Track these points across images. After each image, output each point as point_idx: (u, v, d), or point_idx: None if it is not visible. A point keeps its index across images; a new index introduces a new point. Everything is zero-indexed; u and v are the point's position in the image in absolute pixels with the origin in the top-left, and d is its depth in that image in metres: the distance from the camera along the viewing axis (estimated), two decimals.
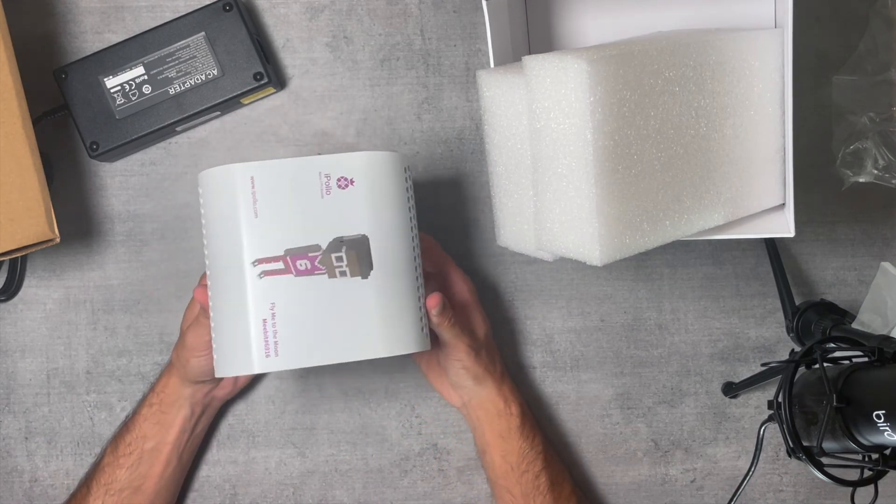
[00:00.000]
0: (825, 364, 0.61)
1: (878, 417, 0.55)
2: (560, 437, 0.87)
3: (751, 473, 0.68)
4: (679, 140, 0.69)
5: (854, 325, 0.72)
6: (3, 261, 0.84)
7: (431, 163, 0.87)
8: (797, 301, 0.80)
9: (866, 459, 0.60)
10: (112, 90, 0.83)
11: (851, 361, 0.62)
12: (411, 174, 0.73)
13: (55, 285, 0.87)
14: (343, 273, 0.67)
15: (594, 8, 0.82)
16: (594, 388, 0.87)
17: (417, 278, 0.71)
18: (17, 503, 0.87)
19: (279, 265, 0.67)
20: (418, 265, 0.72)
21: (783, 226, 0.74)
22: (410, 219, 0.71)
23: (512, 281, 0.87)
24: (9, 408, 0.87)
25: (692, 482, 0.87)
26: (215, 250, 0.69)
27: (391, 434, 0.87)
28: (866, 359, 0.61)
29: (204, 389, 0.81)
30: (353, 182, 0.68)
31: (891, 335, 0.66)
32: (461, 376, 0.79)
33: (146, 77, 0.83)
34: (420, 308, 0.70)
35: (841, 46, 0.85)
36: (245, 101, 0.86)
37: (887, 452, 0.59)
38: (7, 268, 0.85)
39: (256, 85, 0.83)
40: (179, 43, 0.82)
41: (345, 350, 0.67)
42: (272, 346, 0.66)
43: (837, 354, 0.64)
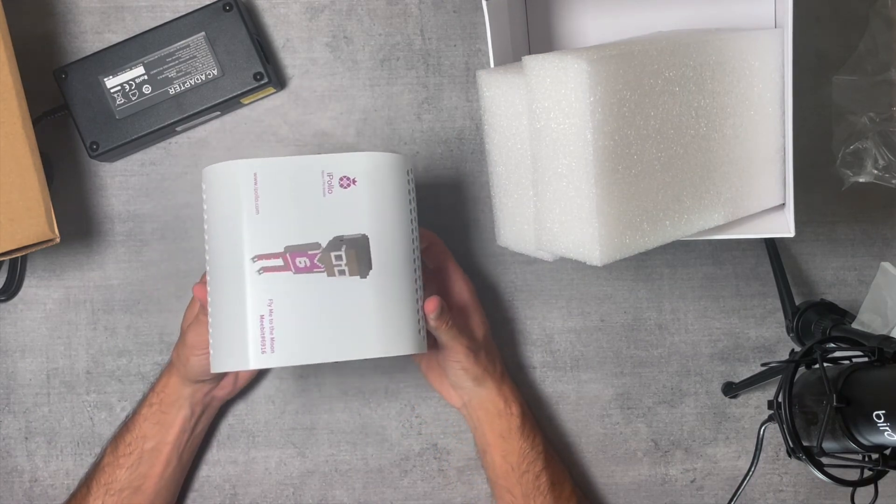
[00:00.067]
0: (825, 364, 0.61)
1: (878, 417, 0.55)
2: (560, 437, 0.87)
3: (751, 473, 0.68)
4: (679, 140, 0.69)
5: (854, 325, 0.72)
6: (3, 261, 0.84)
7: (431, 163, 0.87)
8: (797, 301, 0.80)
9: (866, 459, 0.60)
10: (112, 90, 0.83)
11: (851, 361, 0.62)
12: (414, 176, 0.73)
13: (55, 285, 0.87)
14: (342, 272, 0.67)
15: (594, 8, 0.82)
16: (594, 388, 0.87)
17: (416, 280, 0.71)
18: (17, 503, 0.87)
19: (278, 262, 0.67)
20: (417, 267, 0.72)
21: (783, 226, 0.74)
22: (411, 220, 0.71)
23: (512, 281, 0.87)
24: (9, 408, 0.87)
25: (692, 482, 0.87)
26: (216, 246, 0.69)
27: (391, 434, 0.87)
28: (866, 359, 0.61)
29: (204, 389, 0.81)
30: (356, 182, 0.68)
31: (891, 335, 0.66)
32: (461, 377, 0.79)
33: (146, 77, 0.83)
34: (418, 310, 0.70)
35: (841, 46, 0.85)
36: (245, 101, 0.86)
37: (887, 452, 0.59)
38: (7, 268, 0.86)
39: (256, 85, 0.83)
40: (179, 43, 0.82)
41: (341, 349, 0.67)
42: (268, 343, 0.66)
43: (837, 354, 0.64)
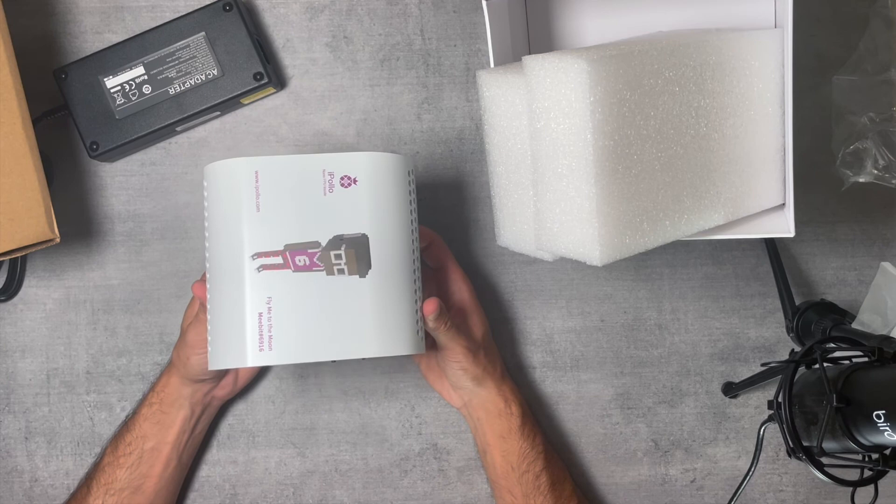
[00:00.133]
0: (825, 364, 0.61)
1: (878, 417, 0.55)
2: (560, 437, 0.87)
3: (751, 473, 0.68)
4: (679, 140, 0.69)
5: (854, 325, 0.72)
6: (3, 261, 0.84)
7: (431, 163, 0.87)
8: (797, 301, 0.80)
9: (866, 459, 0.60)
10: (112, 90, 0.83)
11: (851, 361, 0.62)
12: (415, 177, 0.73)
13: (55, 285, 0.87)
14: (341, 271, 0.67)
15: (594, 8, 0.82)
16: (594, 388, 0.87)
17: (415, 281, 0.71)
18: (17, 503, 0.87)
19: (278, 260, 0.67)
20: (417, 268, 0.72)
21: (783, 226, 0.74)
22: (411, 221, 0.71)
23: (512, 281, 0.87)
24: (9, 408, 0.87)
25: (692, 482, 0.87)
26: (216, 243, 0.69)
27: (391, 434, 0.87)
28: (866, 359, 0.61)
29: (204, 389, 0.81)
30: (357, 181, 0.68)
31: (891, 335, 0.66)
32: (460, 377, 0.79)
33: (146, 77, 0.83)
34: (416, 311, 0.70)
35: (841, 46, 0.85)
36: (245, 101, 0.86)
37: (887, 452, 0.59)
38: (7, 268, 0.86)
39: (256, 85, 0.83)
40: (179, 43, 0.82)
41: (338, 348, 0.67)
42: (266, 340, 0.66)
43: (837, 354, 0.64)
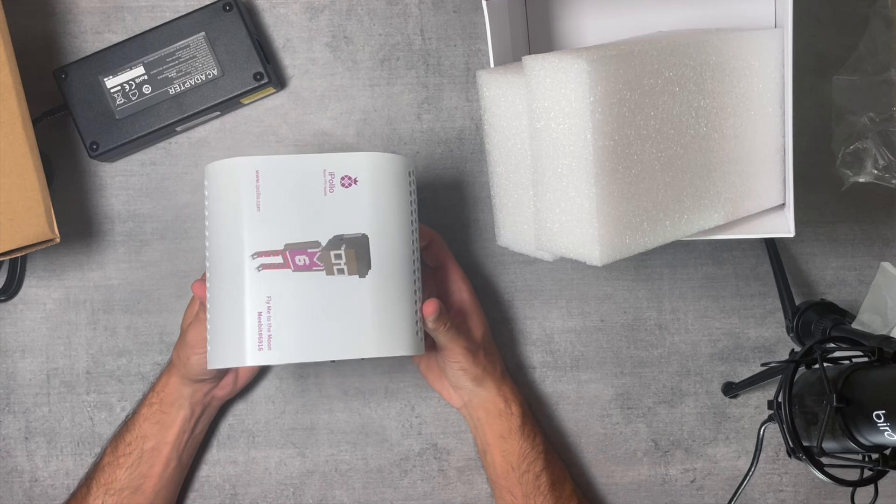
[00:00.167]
0: (825, 364, 0.61)
1: (878, 417, 0.55)
2: (560, 437, 0.87)
3: (751, 473, 0.68)
4: (679, 140, 0.69)
5: (854, 325, 0.72)
6: (3, 261, 0.84)
7: (431, 163, 0.87)
8: (797, 301, 0.80)
9: (866, 459, 0.60)
10: (112, 90, 0.83)
11: (851, 361, 0.62)
12: (416, 178, 0.73)
13: (55, 285, 0.87)
14: (341, 271, 0.67)
15: (594, 8, 0.82)
16: (594, 388, 0.87)
17: (415, 281, 0.71)
18: (17, 503, 0.87)
19: (278, 259, 0.67)
20: (417, 269, 0.72)
21: (783, 226, 0.74)
22: (412, 222, 0.71)
23: (512, 281, 0.87)
24: (9, 408, 0.87)
25: (692, 482, 0.87)
26: (216, 242, 0.69)
27: (391, 434, 0.87)
28: (866, 359, 0.61)
29: (204, 389, 0.80)
30: (357, 181, 0.68)
31: (891, 335, 0.66)
32: (460, 378, 0.79)
33: (146, 77, 0.83)
34: (416, 312, 0.70)
35: (841, 46, 0.85)
36: (245, 101, 0.86)
37: (887, 452, 0.59)
38: (7, 268, 0.86)
39: (256, 85, 0.83)
40: (179, 43, 0.82)
41: (337, 348, 0.67)
42: (265, 340, 0.66)
43: (837, 354, 0.64)
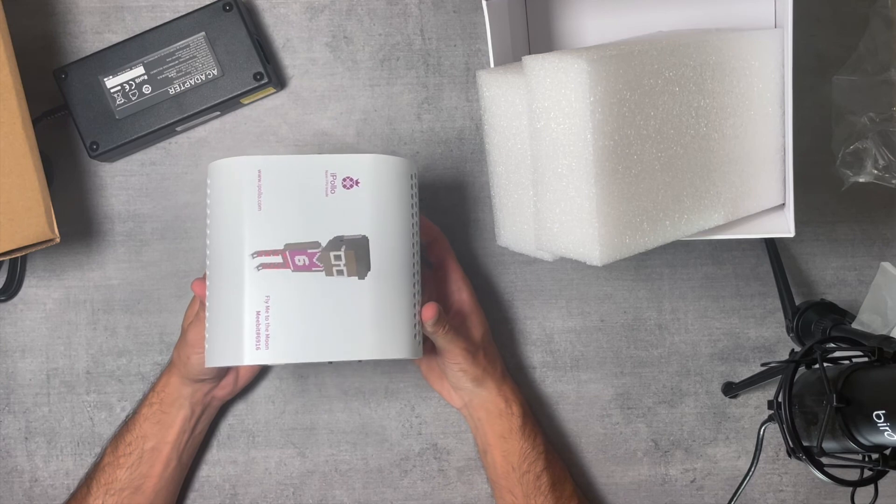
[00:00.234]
0: (825, 364, 0.61)
1: (878, 417, 0.55)
2: (560, 437, 0.87)
3: (751, 473, 0.68)
4: (679, 140, 0.69)
5: (854, 325, 0.72)
6: (3, 261, 0.84)
7: (431, 163, 0.87)
8: (797, 301, 0.80)
9: (866, 459, 0.60)
10: (112, 90, 0.83)
11: (851, 361, 0.62)
12: (418, 181, 0.73)
13: (55, 285, 0.87)
14: (340, 272, 0.67)
15: (594, 8, 0.81)
16: (594, 388, 0.87)
17: (415, 284, 0.71)
18: (17, 503, 0.87)
19: (278, 259, 0.67)
20: (417, 272, 0.71)
21: (783, 226, 0.74)
22: (413, 224, 0.71)
23: (512, 281, 0.87)
24: (9, 408, 0.87)
25: (692, 482, 0.87)
26: (217, 241, 0.69)
27: (391, 434, 0.87)
28: (866, 359, 0.61)
29: (204, 389, 0.80)
30: (359, 183, 0.68)
31: (891, 335, 0.66)
32: (460, 379, 0.79)
33: (146, 77, 0.83)
34: (415, 315, 0.70)
35: (841, 46, 0.85)
36: (245, 101, 0.86)
37: (887, 452, 0.59)
38: (7, 268, 0.86)
39: (256, 85, 0.83)
40: (179, 43, 0.82)
41: (335, 349, 0.67)
42: (263, 339, 0.66)
43: (837, 354, 0.64)
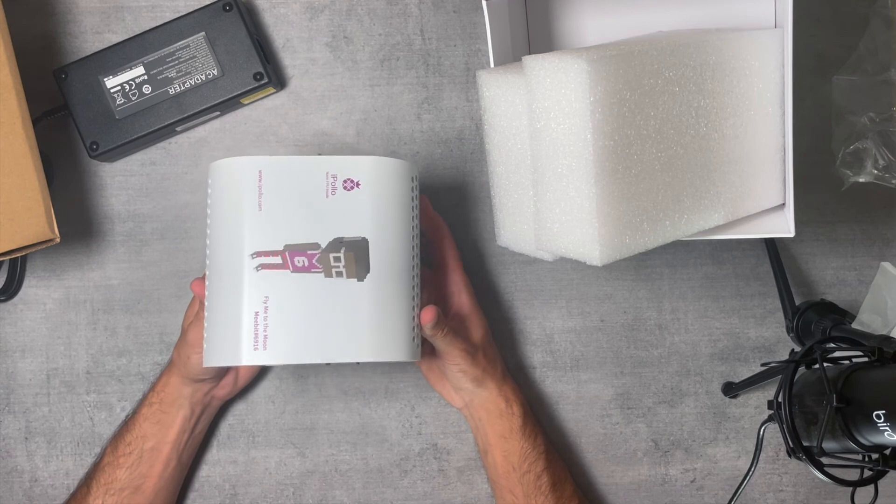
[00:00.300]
0: (825, 364, 0.61)
1: (878, 417, 0.55)
2: (560, 437, 0.87)
3: (751, 473, 0.68)
4: (679, 140, 0.69)
5: (854, 325, 0.72)
6: (3, 261, 0.84)
7: (431, 163, 0.87)
8: (797, 301, 0.80)
9: (866, 459, 0.60)
10: (112, 90, 0.83)
11: (851, 361, 0.62)
12: (418, 184, 0.73)
13: (55, 285, 0.87)
14: (339, 273, 0.67)
15: (594, 8, 0.81)
16: (594, 388, 0.87)
17: (414, 287, 0.71)
18: (17, 503, 0.87)
19: (277, 259, 0.67)
20: (416, 274, 0.71)
21: (783, 226, 0.74)
22: (413, 227, 0.71)
23: (512, 281, 0.87)
24: (9, 408, 0.87)
25: (692, 482, 0.87)
26: (217, 240, 0.69)
27: (391, 434, 0.87)
28: (866, 359, 0.61)
29: (204, 389, 0.80)
30: (359, 185, 0.68)
31: (891, 335, 0.66)
32: (460, 379, 0.79)
33: (146, 77, 0.83)
34: (413, 318, 0.70)
35: (841, 46, 0.85)
36: (245, 101, 0.86)
37: (887, 452, 0.59)
38: (7, 268, 0.86)
39: (256, 85, 0.83)
40: (179, 43, 0.82)
41: (333, 350, 0.67)
42: (261, 340, 0.66)
43: (837, 354, 0.64)
